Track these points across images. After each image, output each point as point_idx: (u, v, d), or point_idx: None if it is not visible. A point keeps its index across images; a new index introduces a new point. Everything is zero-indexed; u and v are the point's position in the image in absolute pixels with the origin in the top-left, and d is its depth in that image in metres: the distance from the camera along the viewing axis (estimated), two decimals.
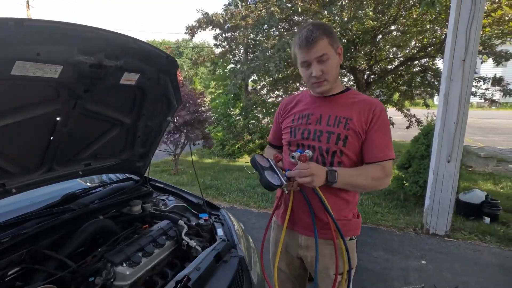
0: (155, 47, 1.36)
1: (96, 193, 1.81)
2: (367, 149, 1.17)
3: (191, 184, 4.84)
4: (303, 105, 1.29)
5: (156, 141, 2.01)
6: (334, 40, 1.14)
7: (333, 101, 1.22)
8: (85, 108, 1.35)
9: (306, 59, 1.13)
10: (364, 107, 1.17)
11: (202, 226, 1.72)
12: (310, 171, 1.04)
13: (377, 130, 1.15)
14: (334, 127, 1.17)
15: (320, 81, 1.15)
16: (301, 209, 1.23)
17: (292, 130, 1.27)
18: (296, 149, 1.26)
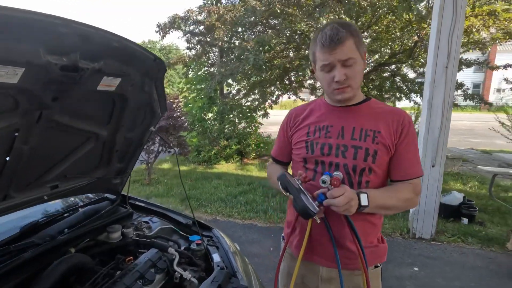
0: (141, 47, 1.14)
1: (65, 219, 1.51)
2: (396, 165, 1.05)
3: (168, 195, 4.51)
4: (319, 115, 1.14)
5: (136, 155, 1.76)
6: (360, 43, 1.00)
7: (354, 111, 1.08)
8: (52, 120, 1.09)
9: (329, 61, 0.98)
10: (392, 118, 1.04)
11: (195, 252, 1.51)
12: (347, 197, 0.90)
13: (407, 143, 1.03)
14: (360, 141, 1.03)
15: (343, 87, 1.01)
16: (324, 236, 1.07)
17: (308, 144, 1.11)
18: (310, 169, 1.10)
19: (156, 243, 1.46)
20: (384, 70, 7.32)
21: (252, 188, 4.84)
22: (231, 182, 5.22)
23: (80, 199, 1.82)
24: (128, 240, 1.50)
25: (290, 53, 6.13)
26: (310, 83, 8.61)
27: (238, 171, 6.22)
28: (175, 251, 1.42)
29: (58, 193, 1.39)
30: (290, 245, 1.23)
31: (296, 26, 4.92)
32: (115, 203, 1.80)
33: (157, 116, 1.59)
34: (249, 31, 6.26)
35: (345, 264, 1.05)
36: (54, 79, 0.92)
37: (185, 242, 1.62)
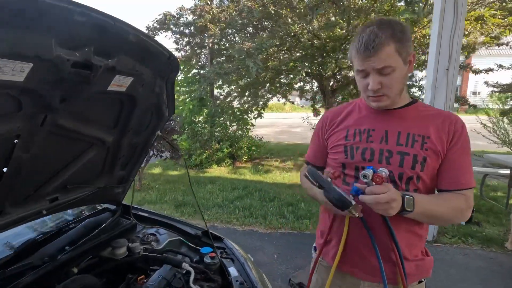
0: (158, 42, 1.03)
1: (64, 235, 1.36)
2: (446, 173, 0.95)
3: (161, 202, 4.33)
4: (358, 118, 1.05)
5: (140, 161, 1.63)
6: (404, 46, 0.89)
7: (400, 114, 0.99)
8: (57, 125, 0.96)
9: (364, 67, 0.90)
10: (443, 122, 0.96)
11: (210, 266, 1.39)
12: (389, 196, 0.81)
13: (458, 150, 0.94)
14: (407, 147, 0.94)
15: (377, 96, 0.93)
16: (366, 247, 0.99)
17: (347, 149, 1.02)
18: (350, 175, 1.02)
19: (169, 258, 1.34)
20: None
21: (248, 193, 4.73)
22: (226, 186, 5.08)
23: (80, 211, 1.66)
24: (136, 256, 1.37)
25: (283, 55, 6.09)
26: (299, 85, 8.64)
27: (232, 175, 6.09)
28: (190, 266, 1.30)
29: (58, 206, 1.25)
30: (326, 256, 1.13)
31: (290, 28, 4.88)
32: (117, 214, 1.66)
33: (165, 119, 1.47)
34: (241, 32, 6.18)
35: (390, 278, 0.97)
36: (64, 77, 0.80)
37: (196, 255, 1.51)
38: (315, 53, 5.97)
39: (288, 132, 13.63)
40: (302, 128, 13.49)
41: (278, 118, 17.69)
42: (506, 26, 4.41)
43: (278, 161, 7.43)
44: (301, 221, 3.66)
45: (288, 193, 4.73)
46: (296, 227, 3.51)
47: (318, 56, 6.16)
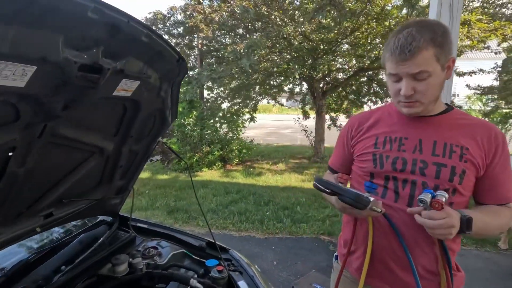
0: (169, 43, 0.94)
1: (59, 253, 1.24)
2: (489, 189, 0.92)
3: (152, 208, 4.17)
4: (389, 124, 0.99)
5: (139, 169, 1.53)
6: (443, 51, 0.83)
7: (434, 122, 0.93)
8: (56, 134, 0.86)
9: (397, 71, 0.85)
10: (482, 133, 0.90)
11: (218, 280, 1.31)
12: (448, 223, 0.77)
13: (502, 165, 0.90)
14: (444, 158, 0.89)
15: (410, 102, 0.88)
16: (392, 260, 0.94)
17: (376, 157, 0.96)
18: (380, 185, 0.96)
19: (175, 274, 1.25)
20: (361, 75, 7.52)
21: (242, 197, 4.64)
22: (219, 190, 4.97)
23: (74, 225, 1.54)
24: (139, 273, 1.27)
25: (274, 57, 6.06)
26: (289, 87, 8.65)
27: (223, 178, 5.98)
28: (198, 282, 1.22)
29: (53, 223, 1.13)
30: (349, 267, 1.08)
31: (282, 30, 4.85)
32: (114, 226, 1.55)
33: (167, 124, 1.38)
34: (232, 33, 6.10)
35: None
36: (69, 82, 0.71)
37: (201, 268, 1.42)
38: (306, 56, 5.97)
39: (277, 133, 13.64)
40: (291, 130, 13.53)
41: (266, 119, 17.68)
42: (491, 30, 4.56)
43: (270, 163, 7.38)
44: (298, 225, 3.61)
45: (282, 196, 4.68)
46: (294, 232, 3.46)
47: (309, 59, 6.17)
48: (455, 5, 2.66)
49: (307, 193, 4.83)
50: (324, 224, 3.63)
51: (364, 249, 0.99)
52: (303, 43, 5.78)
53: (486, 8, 5.37)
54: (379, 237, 0.96)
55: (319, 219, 3.79)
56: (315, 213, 3.96)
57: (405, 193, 0.91)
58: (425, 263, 0.92)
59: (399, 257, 0.93)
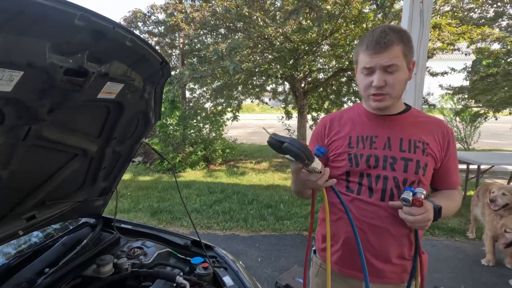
0: (152, 47, 0.97)
1: (42, 256, 1.23)
2: (445, 177, 1.05)
3: (135, 210, 4.11)
4: (360, 124, 1.06)
5: (122, 171, 1.54)
6: (409, 51, 0.94)
7: (398, 121, 1.02)
8: (41, 137, 0.87)
9: (371, 64, 0.92)
10: (437, 130, 1.02)
11: (203, 277, 1.35)
12: (425, 217, 0.88)
13: (452, 156, 1.03)
14: (410, 153, 0.98)
15: (380, 94, 0.95)
16: (367, 251, 1.01)
17: (351, 156, 1.03)
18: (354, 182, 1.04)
19: (161, 272, 1.27)
20: (341, 75, 7.74)
21: (226, 196, 4.67)
22: (203, 191, 4.97)
23: (56, 228, 1.52)
24: (125, 273, 1.28)
25: (256, 57, 6.12)
26: (272, 87, 8.75)
27: (207, 178, 5.97)
28: (184, 279, 1.25)
29: (35, 225, 1.13)
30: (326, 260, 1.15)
31: (264, 30, 4.92)
32: (98, 228, 1.54)
33: (151, 125, 1.40)
34: (213, 33, 6.09)
35: (388, 278, 1.02)
36: (54, 86, 0.73)
37: (187, 266, 1.45)
38: (287, 56, 6.08)
39: (260, 133, 13.72)
40: (274, 129, 13.61)
41: (249, 119, 17.73)
42: (460, 34, 4.85)
43: (253, 162, 7.44)
44: (281, 222, 3.70)
45: (266, 195, 4.76)
46: (277, 229, 3.53)
47: (290, 59, 6.28)
48: (425, 11, 2.84)
49: (290, 191, 4.93)
50: (306, 220, 3.74)
51: (342, 243, 1.07)
52: (285, 44, 5.87)
53: (455, 12, 5.69)
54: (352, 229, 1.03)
55: (302, 216, 3.89)
56: (297, 210, 4.06)
57: (378, 188, 0.99)
58: (397, 251, 1.00)
59: (373, 248, 1.01)
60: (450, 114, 8.32)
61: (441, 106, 10.30)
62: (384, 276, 1.02)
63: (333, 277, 1.10)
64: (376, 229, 0.99)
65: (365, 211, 1.01)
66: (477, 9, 5.96)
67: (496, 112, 7.13)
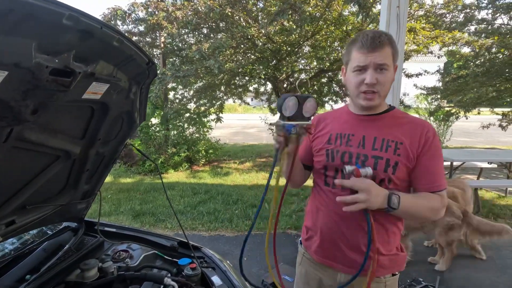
0: (139, 47, 0.97)
1: (22, 262, 1.19)
2: (421, 177, 1.03)
3: (117, 213, 3.99)
4: (341, 123, 1.13)
5: (105, 173, 1.51)
6: (396, 55, 1.00)
7: (377, 120, 1.07)
8: (22, 138, 0.84)
9: (366, 62, 0.96)
10: (415, 130, 1.03)
11: (191, 278, 1.35)
12: (365, 186, 0.92)
13: (431, 156, 1.02)
14: (381, 152, 1.02)
15: (371, 93, 0.99)
16: (342, 242, 1.08)
17: (328, 152, 1.09)
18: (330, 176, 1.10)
19: (149, 275, 1.26)
20: (322, 76, 7.90)
21: (211, 197, 4.64)
22: (186, 192, 4.92)
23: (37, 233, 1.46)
24: (110, 277, 1.26)
25: (239, 57, 6.12)
26: (255, 87, 8.78)
27: (191, 179, 5.90)
28: (173, 280, 1.24)
29: (15, 231, 1.08)
30: (308, 250, 1.21)
31: (247, 31, 4.93)
32: (81, 232, 1.50)
33: (136, 126, 1.38)
34: (196, 32, 6.03)
35: (365, 270, 1.06)
36: (39, 86, 0.71)
37: (174, 267, 1.44)
38: (270, 57, 6.13)
39: (243, 133, 13.74)
40: (256, 129, 13.72)
41: (231, 119, 17.68)
42: (433, 37, 5.10)
43: (237, 162, 7.44)
44: (266, 221, 3.73)
45: (250, 195, 4.78)
46: (262, 228, 3.56)
47: (273, 60, 6.34)
48: (401, 15, 2.96)
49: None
50: (291, 219, 3.79)
51: (320, 233, 1.13)
52: (267, 45, 5.92)
53: (429, 17, 5.98)
54: (328, 221, 1.10)
55: (286, 214, 3.94)
56: (282, 209, 4.10)
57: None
58: (365, 243, 1.03)
59: (347, 239, 1.07)
60: (424, 113, 8.71)
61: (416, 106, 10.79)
62: (357, 267, 1.05)
63: (313, 265, 1.20)
64: (348, 220, 1.05)
65: (339, 204, 1.04)
66: (448, 15, 6.30)
67: (466, 111, 7.54)
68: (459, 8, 6.07)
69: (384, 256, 1.07)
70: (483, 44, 5.36)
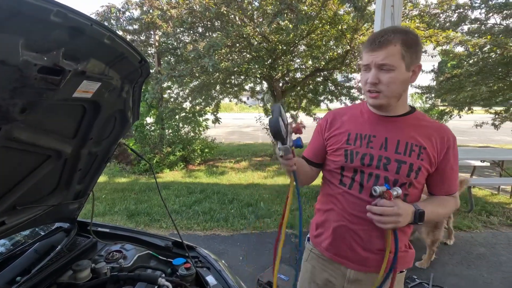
0: (131, 45, 0.95)
1: (13, 264, 1.17)
2: (440, 183, 1.06)
3: (111, 213, 3.96)
4: (361, 122, 1.09)
5: (98, 173, 1.49)
6: (409, 52, 0.93)
7: (399, 123, 1.04)
8: (11, 138, 0.82)
9: (368, 62, 0.96)
10: (437, 135, 1.02)
11: (186, 278, 1.34)
12: (395, 211, 0.91)
13: (451, 162, 1.03)
14: (405, 156, 1.00)
15: (373, 91, 0.97)
16: (354, 241, 1.08)
17: (348, 153, 1.06)
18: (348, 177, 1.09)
19: (143, 275, 1.25)
20: (317, 75, 7.92)
21: (206, 196, 4.63)
22: (182, 191, 4.89)
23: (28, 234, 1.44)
24: (104, 278, 1.24)
25: (235, 56, 6.09)
26: (250, 86, 8.77)
27: (186, 179, 5.88)
28: (167, 280, 1.23)
29: (5, 232, 1.06)
30: (318, 246, 1.21)
31: (242, 29, 4.91)
32: (73, 233, 1.48)
33: (129, 125, 1.37)
34: (191, 31, 5.99)
35: (375, 267, 1.07)
36: (28, 84, 0.69)
37: (169, 267, 1.43)
38: (265, 56, 6.11)
39: (239, 132, 13.72)
40: (252, 128, 13.70)
41: (227, 118, 17.63)
42: (427, 37, 5.13)
43: (232, 162, 7.43)
44: (262, 220, 3.73)
45: (246, 194, 4.77)
46: (258, 227, 3.56)
47: (268, 59, 6.32)
48: (395, 14, 2.98)
49: (270, 189, 4.99)
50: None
51: (332, 232, 1.13)
52: (263, 44, 5.91)
53: (423, 16, 6.02)
54: (342, 221, 1.09)
55: (282, 213, 3.93)
56: (278, 208, 4.12)
57: (369, 185, 1.03)
58: (380, 242, 1.06)
59: (360, 238, 1.07)
60: None
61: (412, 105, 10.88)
62: (368, 265, 1.08)
63: (322, 261, 1.19)
64: (363, 221, 1.04)
65: (354, 204, 1.06)
66: (442, 14, 6.34)
67: (460, 110, 7.61)
68: (453, 8, 6.12)
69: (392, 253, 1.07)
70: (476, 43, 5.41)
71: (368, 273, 1.09)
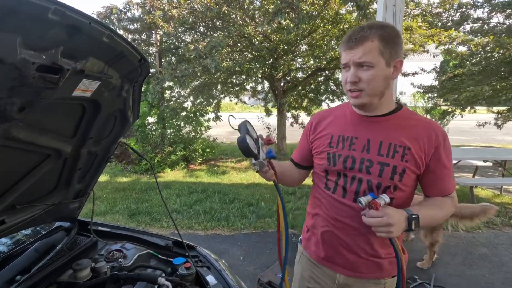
0: (131, 44, 0.95)
1: (13, 263, 1.17)
2: (433, 183, 0.99)
3: (112, 212, 3.96)
4: (343, 124, 1.05)
5: (99, 172, 1.49)
6: (388, 47, 0.88)
7: (383, 122, 0.98)
8: (10, 137, 0.82)
9: (346, 60, 0.92)
10: (424, 135, 0.95)
11: (186, 277, 1.34)
12: (385, 221, 0.84)
13: (442, 162, 0.96)
14: (388, 158, 0.95)
15: (354, 90, 0.93)
16: (341, 246, 1.07)
17: (330, 156, 1.04)
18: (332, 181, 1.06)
19: (143, 274, 1.24)
20: (319, 75, 7.90)
21: (207, 196, 4.63)
22: (183, 191, 4.90)
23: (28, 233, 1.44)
24: (103, 277, 1.24)
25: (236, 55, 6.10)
26: (252, 86, 8.76)
27: (187, 178, 5.88)
28: (167, 280, 1.23)
29: (5, 231, 1.07)
30: (307, 249, 1.20)
31: (243, 29, 4.91)
32: (73, 232, 1.48)
33: (129, 124, 1.36)
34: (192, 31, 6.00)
35: (362, 272, 1.06)
36: (26, 83, 0.69)
37: (169, 267, 1.43)
38: (267, 55, 6.11)
39: None
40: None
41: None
42: (429, 36, 5.12)
43: (234, 161, 7.43)
44: (263, 220, 3.72)
45: (247, 193, 4.77)
46: (259, 227, 3.56)
47: (270, 58, 6.32)
48: (397, 14, 2.96)
49: (271, 189, 4.98)
50: (287, 217, 3.78)
51: (319, 236, 1.12)
52: (264, 43, 5.91)
53: (425, 16, 6.00)
54: (327, 226, 1.08)
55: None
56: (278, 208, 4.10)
57: (352, 189, 1.00)
58: (366, 248, 1.04)
59: (346, 243, 1.05)
60: (422, 112, 8.75)
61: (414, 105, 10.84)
62: (358, 270, 1.07)
63: (313, 265, 1.18)
64: (347, 227, 1.03)
65: (337, 209, 1.04)
66: (444, 14, 6.32)
67: (462, 110, 7.58)
68: (455, 7, 6.09)
69: (383, 259, 1.06)
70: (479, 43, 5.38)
71: (358, 279, 1.07)
